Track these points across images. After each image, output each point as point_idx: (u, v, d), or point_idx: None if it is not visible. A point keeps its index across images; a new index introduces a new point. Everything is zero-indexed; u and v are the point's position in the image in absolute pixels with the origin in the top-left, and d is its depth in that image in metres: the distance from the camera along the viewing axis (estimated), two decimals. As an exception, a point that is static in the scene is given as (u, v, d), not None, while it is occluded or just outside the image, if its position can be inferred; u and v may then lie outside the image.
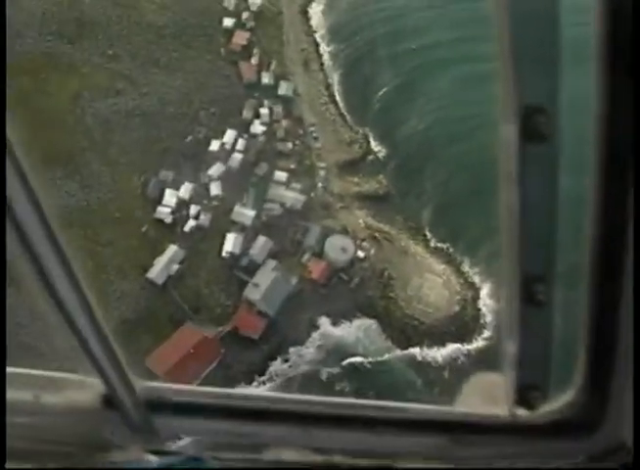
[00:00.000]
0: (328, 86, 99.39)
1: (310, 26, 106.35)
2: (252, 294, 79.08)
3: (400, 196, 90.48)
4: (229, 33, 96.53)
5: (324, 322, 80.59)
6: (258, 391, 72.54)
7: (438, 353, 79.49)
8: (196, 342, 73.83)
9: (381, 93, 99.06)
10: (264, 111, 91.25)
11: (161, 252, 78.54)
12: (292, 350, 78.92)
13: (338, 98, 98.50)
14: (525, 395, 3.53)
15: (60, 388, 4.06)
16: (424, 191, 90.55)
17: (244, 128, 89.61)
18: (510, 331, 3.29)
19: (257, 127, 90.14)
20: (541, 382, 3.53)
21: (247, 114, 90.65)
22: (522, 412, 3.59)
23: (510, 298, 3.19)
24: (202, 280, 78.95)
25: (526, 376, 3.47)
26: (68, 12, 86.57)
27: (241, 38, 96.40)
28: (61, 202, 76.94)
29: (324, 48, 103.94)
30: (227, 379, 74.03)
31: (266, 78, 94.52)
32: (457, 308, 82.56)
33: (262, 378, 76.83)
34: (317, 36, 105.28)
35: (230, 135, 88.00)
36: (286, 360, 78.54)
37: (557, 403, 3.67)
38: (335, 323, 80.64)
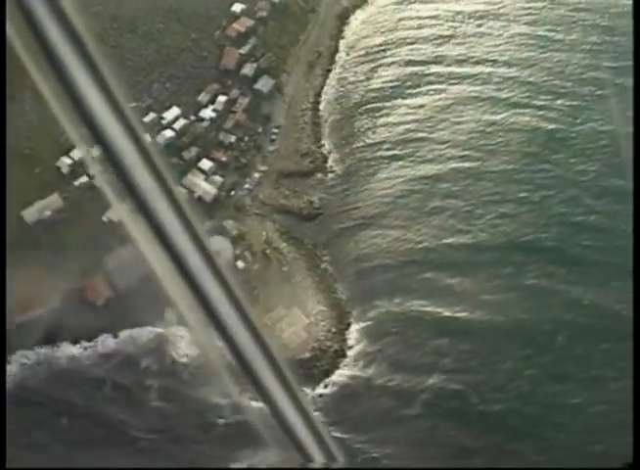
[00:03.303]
0: (319, 94, 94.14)
1: (341, 31, 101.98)
2: (110, 263, 78.28)
3: (326, 220, 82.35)
4: (234, 18, 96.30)
5: (171, 316, 76.25)
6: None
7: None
8: (22, 287, 74.94)
9: (368, 107, 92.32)
10: (222, 98, 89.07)
11: (47, 196, 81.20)
12: (126, 331, 76.00)
13: (321, 106, 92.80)
14: None
15: None
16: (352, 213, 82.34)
17: (193, 110, 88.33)
18: None
19: (208, 113, 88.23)
20: None
21: (203, 97, 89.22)
22: None
23: None
24: (74, 234, 79.49)
25: None
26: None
27: (241, 25, 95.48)
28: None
29: (340, 55, 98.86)
30: (53, 331, 74.45)
31: (247, 69, 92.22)
32: (307, 356, 72.19)
33: (87, 344, 74.72)
34: (341, 43, 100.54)
35: (172, 112, 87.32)
36: (115, 336, 75.59)
37: None
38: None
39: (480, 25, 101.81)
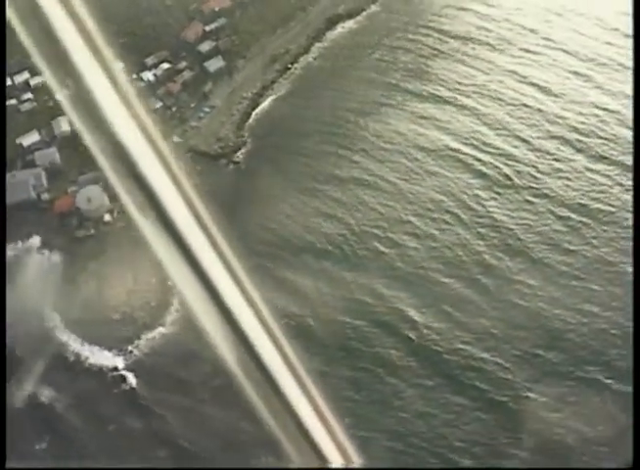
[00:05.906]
0: (267, 87, 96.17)
1: (322, 34, 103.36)
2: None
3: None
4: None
5: (33, 241, 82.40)
6: None
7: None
8: None
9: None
10: (165, 65, 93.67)
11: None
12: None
13: (262, 99, 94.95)
14: None
15: None
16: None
17: (136, 70, 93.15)
18: None
19: (148, 75, 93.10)
20: None
21: (150, 60, 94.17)
22: None
23: None
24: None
25: None
26: None
27: (218, 3, 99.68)
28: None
29: (307, 57, 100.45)
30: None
31: (204, 46, 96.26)
32: (117, 317, 75.29)
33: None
34: (317, 45, 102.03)
35: (115, 66, 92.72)
36: None
37: None
38: (44, 247, 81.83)
39: (465, 53, 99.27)
